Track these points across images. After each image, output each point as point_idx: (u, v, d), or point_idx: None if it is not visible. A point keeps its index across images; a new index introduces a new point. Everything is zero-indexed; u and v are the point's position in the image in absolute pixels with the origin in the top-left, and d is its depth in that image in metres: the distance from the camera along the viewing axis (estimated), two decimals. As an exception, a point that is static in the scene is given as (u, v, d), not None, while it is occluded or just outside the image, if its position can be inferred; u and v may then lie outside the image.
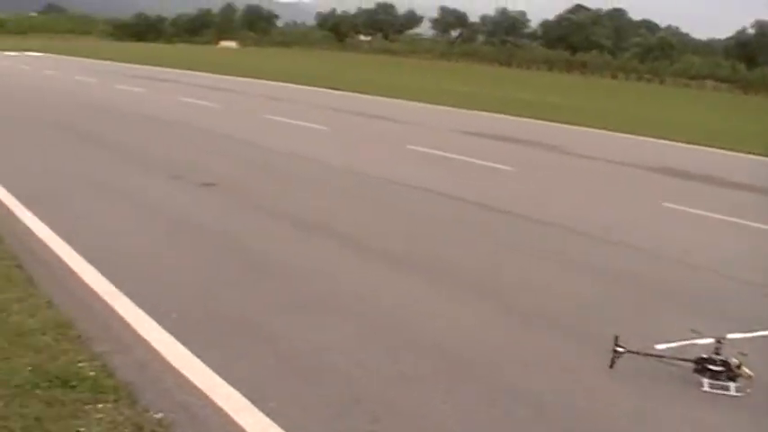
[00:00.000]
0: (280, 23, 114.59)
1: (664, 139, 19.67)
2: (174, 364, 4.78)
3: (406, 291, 6.61)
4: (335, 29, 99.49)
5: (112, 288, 6.07)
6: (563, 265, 7.79)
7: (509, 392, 4.79)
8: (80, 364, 4.64)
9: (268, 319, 5.70)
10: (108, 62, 43.74)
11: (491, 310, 6.29)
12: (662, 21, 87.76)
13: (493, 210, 9.99)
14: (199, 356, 4.90)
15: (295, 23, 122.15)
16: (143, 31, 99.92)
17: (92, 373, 4.51)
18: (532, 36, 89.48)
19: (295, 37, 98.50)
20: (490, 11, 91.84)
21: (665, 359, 5.19)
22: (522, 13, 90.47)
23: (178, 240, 7.81)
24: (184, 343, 5.09)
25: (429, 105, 25.04)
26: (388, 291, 6.58)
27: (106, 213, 8.74)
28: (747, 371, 4.99)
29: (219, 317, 5.68)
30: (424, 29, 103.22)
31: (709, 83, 64.23)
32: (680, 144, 19.08)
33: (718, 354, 5.06)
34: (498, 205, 10.19)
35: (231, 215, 8.93)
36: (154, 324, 5.38)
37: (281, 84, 31.70)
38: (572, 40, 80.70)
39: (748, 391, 4.94)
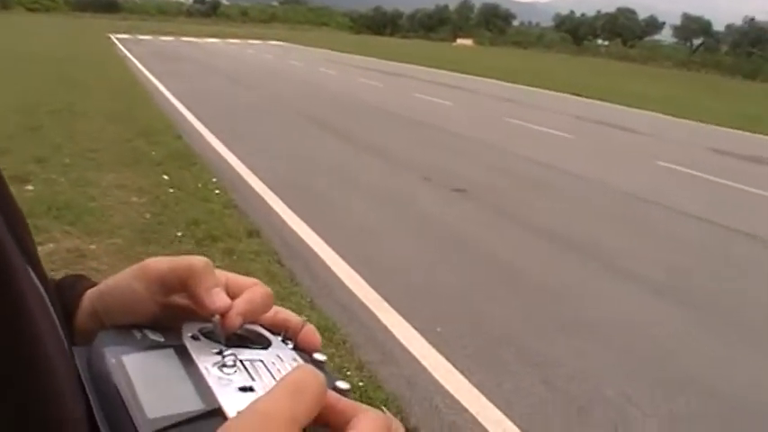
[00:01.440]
0: (516, 23, 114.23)
1: None
2: (441, 382, 4.64)
3: (671, 324, 6.15)
4: (573, 31, 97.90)
5: (374, 294, 6.04)
6: None
7: None
8: (348, 373, 4.60)
9: (531, 341, 5.46)
10: (346, 55, 45.12)
11: (761, 357, 5.73)
12: None
13: (759, 240, 9.23)
14: (466, 376, 4.74)
15: (531, 24, 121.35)
16: (380, 24, 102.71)
17: (361, 384, 4.45)
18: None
19: (531, 38, 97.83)
20: (737, 20, 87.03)
21: None
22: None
23: (434, 247, 7.71)
24: (450, 360, 4.95)
25: (673, 119, 23.87)
26: (652, 322, 6.14)
27: (359, 211, 8.82)
28: None
29: (482, 334, 5.50)
30: (665, 36, 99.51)
31: None
32: None
33: None
34: (763, 235, 9.42)
35: (485, 225, 8.74)
36: (419, 337, 5.27)
37: (520, 86, 31.36)
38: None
39: None
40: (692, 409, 4.68)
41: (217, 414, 0.53)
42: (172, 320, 0.64)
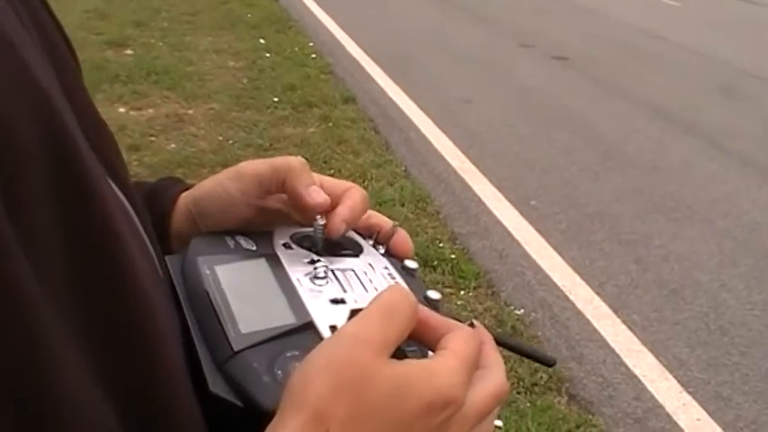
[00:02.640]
0: None
1: None
2: (534, 257, 4.61)
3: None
4: None
5: (468, 163, 5.99)
6: None
7: None
8: (440, 245, 4.61)
9: (626, 219, 5.37)
10: None
11: None
12: None
13: None
14: (559, 252, 4.70)
15: None
16: None
17: (452, 257, 4.46)
18: None
19: None
20: None
21: None
22: None
23: (531, 117, 7.55)
24: (544, 234, 4.90)
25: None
26: (753, 205, 5.93)
27: (454, 77, 8.66)
28: None
29: (578, 210, 5.42)
30: None
31: None
32: None
33: None
34: None
35: (585, 96, 8.49)
36: (512, 209, 5.22)
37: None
38: None
39: None
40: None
41: (309, 328, 0.54)
42: (265, 225, 0.65)
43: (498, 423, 3.27)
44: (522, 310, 4.04)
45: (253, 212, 0.64)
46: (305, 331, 0.54)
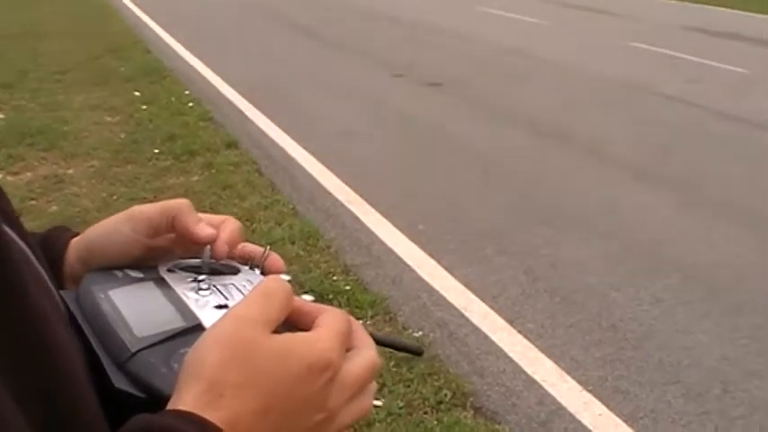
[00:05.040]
0: None
1: None
2: (427, 280, 4.70)
3: (650, 206, 6.23)
4: None
5: (354, 195, 6.06)
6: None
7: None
8: (334, 278, 4.65)
9: (512, 232, 5.54)
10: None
11: (740, 229, 5.87)
12: None
13: (730, 118, 9.25)
14: (450, 272, 4.80)
15: None
16: None
17: (347, 288, 4.51)
18: None
19: None
20: None
21: None
22: None
23: (411, 144, 7.71)
24: (435, 256, 5.00)
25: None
26: (631, 205, 6.21)
27: (332, 112, 8.78)
28: None
29: (464, 229, 5.56)
30: None
31: None
32: None
33: None
34: (735, 113, 9.43)
35: (462, 118, 8.73)
36: (401, 236, 5.31)
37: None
38: None
39: None
40: (675, 292, 4.78)
41: (198, 329, 0.60)
42: (152, 261, 0.71)
43: (378, 402, 3.37)
44: (420, 332, 4.12)
45: (143, 251, 0.71)
46: (195, 332, 0.59)
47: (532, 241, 5.39)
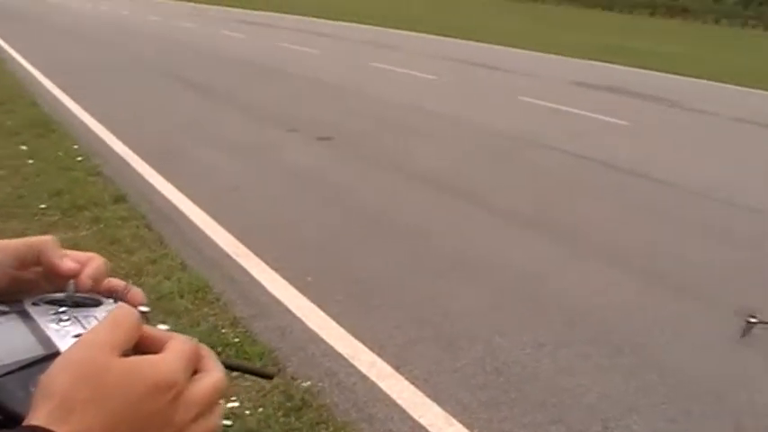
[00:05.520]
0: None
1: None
2: (315, 330, 4.74)
3: (539, 254, 6.45)
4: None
5: (243, 248, 6.06)
6: (689, 228, 7.52)
7: (643, 363, 4.68)
8: (223, 330, 4.65)
9: (403, 283, 5.64)
10: (206, 6, 43.85)
11: (619, 274, 6.11)
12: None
13: (612, 167, 9.68)
14: (339, 322, 4.86)
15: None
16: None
17: (236, 340, 4.51)
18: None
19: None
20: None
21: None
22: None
23: (301, 197, 7.78)
24: (323, 308, 5.05)
25: (534, 53, 24.36)
26: (519, 253, 6.42)
27: (225, 168, 8.78)
28: None
29: (353, 279, 5.65)
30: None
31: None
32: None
33: None
34: (617, 162, 9.88)
35: (351, 171, 8.86)
36: (290, 288, 5.34)
37: (383, 29, 31.20)
38: (676, -16, 78.00)
39: None
40: (558, 335, 4.94)
41: (56, 356, 0.63)
42: (17, 294, 0.75)
43: (227, 422, 3.45)
44: (309, 382, 4.14)
45: (9, 282, 0.75)
46: (53, 359, 0.62)
47: (422, 291, 5.50)
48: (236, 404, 3.85)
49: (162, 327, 0.72)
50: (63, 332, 0.68)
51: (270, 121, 11.55)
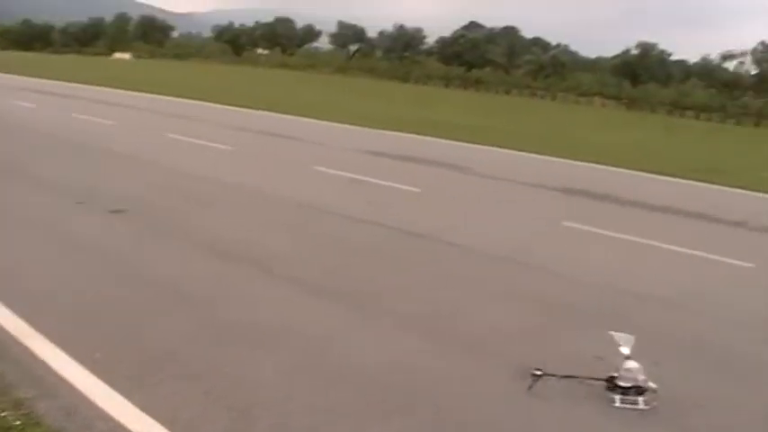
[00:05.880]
0: (175, 35, 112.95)
1: (562, 157, 20.19)
2: (103, 408, 4.69)
3: (328, 320, 6.63)
4: (233, 42, 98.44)
5: (28, 328, 5.88)
6: (482, 289, 7.94)
7: (437, 420, 4.91)
8: (3, 413, 4.50)
9: (193, 354, 5.65)
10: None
11: (412, 337, 6.36)
12: (553, 39, 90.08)
13: (406, 233, 10.10)
14: (128, 398, 4.82)
15: (191, 35, 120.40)
16: (29, 39, 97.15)
17: (18, 423, 4.39)
18: (429, 52, 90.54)
19: (191, 49, 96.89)
20: (388, 26, 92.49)
21: (579, 379, 5.47)
22: (419, 30, 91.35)
23: (90, 272, 7.61)
24: (111, 384, 5.00)
25: (332, 124, 24.99)
26: (311, 321, 6.57)
27: (9, 243, 8.46)
28: (653, 385, 5.35)
29: (144, 354, 5.59)
30: (323, 43, 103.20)
31: (598, 99, 66.44)
32: (585, 164, 19.60)
33: (627, 372, 5.37)
34: (410, 228, 10.32)
35: (143, 243, 8.75)
36: (77, 366, 5.25)
37: (181, 100, 31.08)
38: (467, 57, 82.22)
39: (655, 403, 5.28)
40: (349, 399, 5.11)
41: None
42: None
43: None
44: (96, 461, 4.08)
45: None
46: None
47: (210, 361, 5.53)
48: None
49: None
50: None
51: (60, 193, 11.24)
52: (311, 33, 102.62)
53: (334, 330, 6.39)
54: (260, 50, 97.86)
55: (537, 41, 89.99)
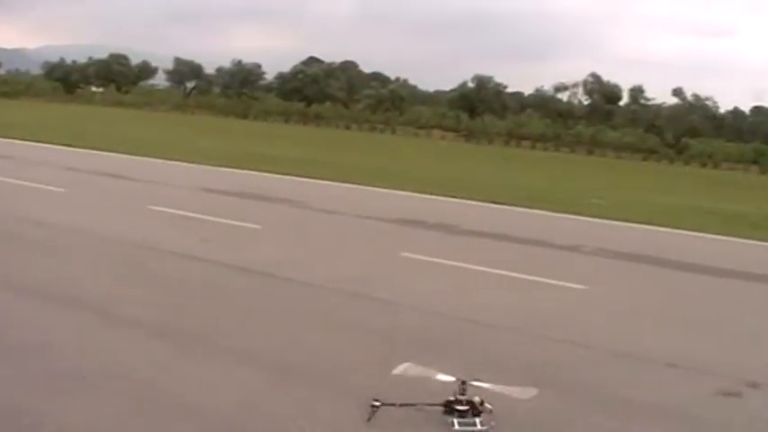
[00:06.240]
0: (2, 71, 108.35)
1: (399, 189, 20.63)
2: None
3: (167, 361, 6.48)
4: (64, 79, 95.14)
5: None
6: (320, 322, 8.00)
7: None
8: None
9: (18, 402, 5.38)
10: None
11: (253, 374, 6.32)
12: (391, 73, 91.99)
13: (243, 270, 10.06)
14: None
15: (19, 72, 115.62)
16: None
17: None
18: (268, 88, 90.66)
19: (20, 86, 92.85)
20: (225, 63, 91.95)
21: (418, 406, 5.56)
22: (258, 66, 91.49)
23: None
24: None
25: (168, 162, 24.56)
26: (148, 362, 6.40)
27: None
28: (489, 406, 5.50)
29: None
30: (159, 80, 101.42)
31: (437, 132, 68.40)
32: (417, 195, 20.08)
33: (462, 394, 5.52)
34: (248, 265, 10.27)
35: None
36: None
37: (6, 140, 29.65)
38: (307, 92, 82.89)
39: (492, 423, 5.41)
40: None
41: None
42: None
43: None
44: None
45: None
46: None
47: (37, 411, 5.29)
48: None
49: None
50: None
51: None
52: (147, 70, 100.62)
53: (174, 371, 6.26)
54: (94, 88, 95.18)
55: (376, 76, 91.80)
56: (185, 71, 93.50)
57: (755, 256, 15.06)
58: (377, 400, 5.50)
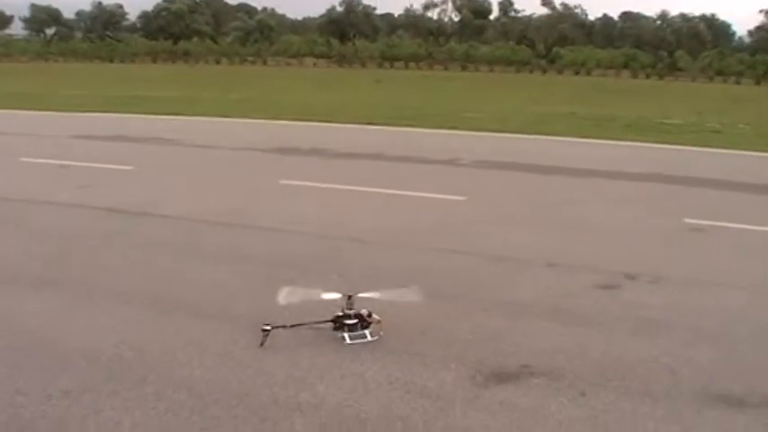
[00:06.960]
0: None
1: (274, 119, 20.57)
2: None
3: (50, 311, 6.41)
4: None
5: None
6: (200, 254, 8.07)
7: (169, 388, 4.95)
8: None
9: None
10: None
11: (133, 312, 6.34)
12: (258, 3, 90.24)
13: (117, 212, 9.97)
14: None
15: None
16: None
17: None
18: (132, 29, 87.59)
19: None
20: (85, 6, 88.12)
21: (308, 325, 5.71)
22: (119, 6, 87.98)
23: None
24: None
25: (38, 113, 23.52)
26: (31, 313, 6.34)
27: None
28: (376, 317, 5.71)
29: None
30: (16, 29, 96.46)
31: (309, 59, 67.83)
32: (292, 123, 20.07)
33: (350, 309, 5.71)
34: (122, 207, 10.19)
35: None
36: None
37: None
38: (172, 30, 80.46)
39: (381, 333, 5.66)
40: (82, 380, 5.03)
41: None
42: None
43: None
44: None
45: None
46: None
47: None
48: None
49: None
50: None
51: None
52: (2, 19, 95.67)
53: (57, 319, 6.22)
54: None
55: (242, 7, 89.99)
56: (43, 18, 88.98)
57: (624, 156, 15.73)
58: (267, 325, 5.58)
